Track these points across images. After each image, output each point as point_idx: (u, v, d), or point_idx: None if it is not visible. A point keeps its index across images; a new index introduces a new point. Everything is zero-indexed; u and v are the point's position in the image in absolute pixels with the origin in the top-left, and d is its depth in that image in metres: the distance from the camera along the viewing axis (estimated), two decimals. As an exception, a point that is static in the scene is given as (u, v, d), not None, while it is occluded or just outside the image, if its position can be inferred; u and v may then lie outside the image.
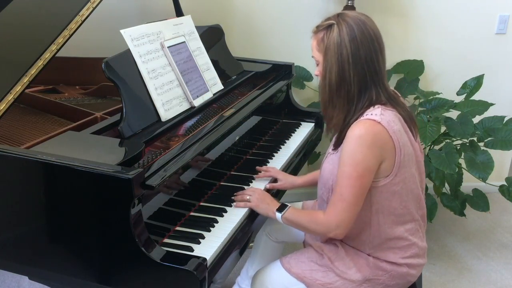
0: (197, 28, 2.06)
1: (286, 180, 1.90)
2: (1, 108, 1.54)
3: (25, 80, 1.60)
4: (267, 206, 1.66)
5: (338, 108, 1.52)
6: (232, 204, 1.70)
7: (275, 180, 1.90)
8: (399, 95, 1.62)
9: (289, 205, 1.65)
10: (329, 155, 1.61)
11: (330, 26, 1.49)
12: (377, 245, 1.58)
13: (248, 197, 1.68)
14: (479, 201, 2.74)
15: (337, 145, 1.56)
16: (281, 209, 1.62)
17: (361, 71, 1.47)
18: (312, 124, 2.44)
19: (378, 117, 1.45)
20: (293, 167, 2.10)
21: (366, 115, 1.47)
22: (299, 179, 1.92)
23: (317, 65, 1.56)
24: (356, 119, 1.48)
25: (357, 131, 1.44)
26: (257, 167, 1.94)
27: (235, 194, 1.72)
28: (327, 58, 1.49)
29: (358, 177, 1.44)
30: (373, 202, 1.52)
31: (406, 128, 1.53)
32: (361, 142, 1.43)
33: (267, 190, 1.84)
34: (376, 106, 1.48)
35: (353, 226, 1.54)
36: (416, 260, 1.62)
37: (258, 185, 1.84)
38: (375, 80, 1.49)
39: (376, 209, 1.53)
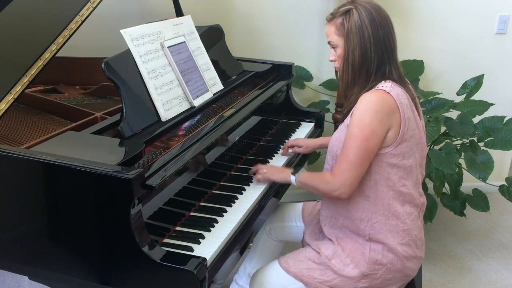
0: (197, 28, 2.06)
1: (306, 144, 2.09)
2: (1, 108, 1.54)
3: (25, 80, 1.60)
4: (282, 173, 1.82)
5: (358, 86, 1.61)
6: (232, 204, 1.70)
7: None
8: (409, 82, 1.69)
9: (301, 168, 1.81)
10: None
11: (348, 11, 1.59)
12: (376, 224, 1.60)
13: (264, 170, 1.83)
14: (479, 201, 2.74)
15: (346, 116, 1.63)
16: (295, 172, 1.78)
17: (380, 50, 1.58)
18: (312, 124, 2.44)
19: (389, 88, 1.54)
20: (293, 167, 2.09)
21: (378, 87, 1.55)
22: (318, 140, 2.13)
23: (332, 48, 1.65)
24: (368, 90, 1.56)
25: (367, 97, 1.54)
26: (282, 148, 2.13)
27: (248, 172, 1.88)
28: (349, 40, 1.59)
29: (364, 139, 1.51)
30: (372, 172, 1.57)
31: (412, 107, 1.60)
32: (369, 106, 1.51)
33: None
34: (387, 81, 1.57)
35: (354, 200, 1.60)
36: (413, 250, 1.64)
37: (257, 186, 1.84)
38: (390, 58, 1.61)
39: (375, 180, 1.58)
